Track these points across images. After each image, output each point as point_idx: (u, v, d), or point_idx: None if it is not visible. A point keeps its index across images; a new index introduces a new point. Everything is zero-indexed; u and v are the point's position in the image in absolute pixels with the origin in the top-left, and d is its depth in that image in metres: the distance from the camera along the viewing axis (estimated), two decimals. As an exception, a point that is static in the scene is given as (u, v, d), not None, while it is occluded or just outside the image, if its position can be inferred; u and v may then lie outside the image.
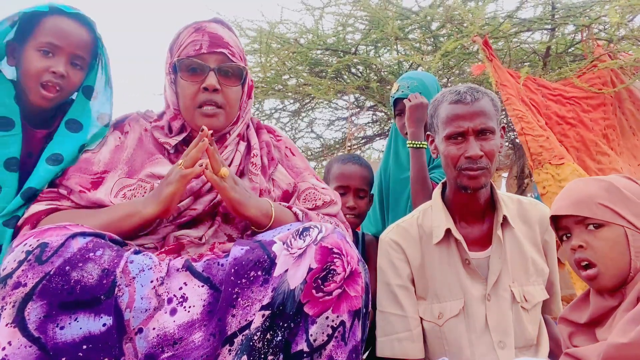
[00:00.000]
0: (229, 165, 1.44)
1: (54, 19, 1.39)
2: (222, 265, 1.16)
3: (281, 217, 1.37)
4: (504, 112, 3.14)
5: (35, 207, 1.33)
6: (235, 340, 1.09)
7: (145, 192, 1.36)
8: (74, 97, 1.51)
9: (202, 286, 1.13)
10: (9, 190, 1.37)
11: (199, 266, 1.16)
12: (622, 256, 1.14)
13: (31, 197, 1.35)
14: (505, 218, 1.53)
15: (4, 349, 0.99)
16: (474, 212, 1.57)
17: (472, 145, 1.47)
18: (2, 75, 1.41)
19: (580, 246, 1.17)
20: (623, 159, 2.63)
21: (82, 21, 1.43)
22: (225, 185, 1.28)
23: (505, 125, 1.64)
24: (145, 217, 1.26)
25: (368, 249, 2.12)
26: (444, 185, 1.64)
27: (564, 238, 1.24)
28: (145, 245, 1.30)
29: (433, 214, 1.59)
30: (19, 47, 1.41)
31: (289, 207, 1.43)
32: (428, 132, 1.66)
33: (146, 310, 1.08)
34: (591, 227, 1.17)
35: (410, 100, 2.08)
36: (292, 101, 4.54)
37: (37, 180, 1.36)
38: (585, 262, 1.16)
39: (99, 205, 1.34)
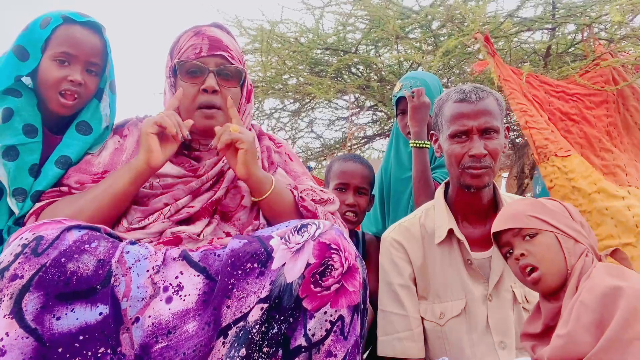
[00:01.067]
0: (229, 168, 1.45)
1: (66, 28, 1.42)
2: (219, 255, 1.17)
3: (280, 188, 1.40)
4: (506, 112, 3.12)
5: (38, 204, 1.37)
6: (229, 332, 1.10)
7: (144, 189, 1.39)
8: None
9: (198, 275, 1.14)
10: (27, 196, 1.40)
11: (195, 256, 1.17)
12: (558, 257, 1.27)
13: (38, 200, 1.39)
14: None
15: (1, 339, 1.00)
16: (477, 212, 1.57)
17: (476, 143, 1.47)
18: (23, 83, 1.44)
19: (522, 254, 1.29)
20: (629, 155, 2.61)
21: (93, 28, 1.46)
22: (241, 137, 1.32)
23: (509, 126, 1.64)
24: (135, 169, 1.31)
25: (368, 248, 2.12)
26: (447, 185, 1.64)
27: (507, 255, 1.34)
28: (141, 240, 1.31)
29: (435, 214, 1.59)
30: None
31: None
32: (432, 131, 1.66)
33: (143, 299, 1.09)
34: (527, 237, 1.30)
35: (413, 93, 2.06)
36: (292, 101, 4.54)
37: (46, 183, 1.40)
38: (530, 267, 1.28)
39: None
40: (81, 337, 1.03)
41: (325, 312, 1.12)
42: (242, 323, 1.10)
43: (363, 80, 3.97)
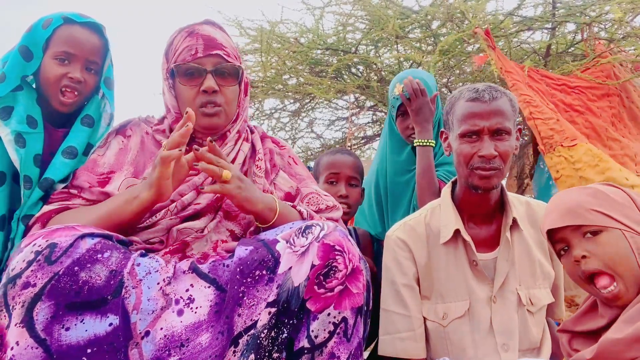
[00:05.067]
0: (232, 163, 1.44)
1: (66, 28, 1.47)
2: (228, 266, 1.17)
3: (285, 212, 1.37)
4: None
5: (46, 208, 1.35)
6: (240, 341, 1.09)
7: None
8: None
9: (209, 287, 1.14)
10: (34, 186, 1.44)
11: (204, 268, 1.17)
12: (629, 259, 1.13)
13: (48, 188, 1.42)
14: (514, 220, 1.51)
15: (12, 348, 1.00)
16: (484, 212, 1.54)
17: (487, 144, 1.43)
18: (25, 79, 1.49)
19: (584, 256, 1.16)
20: (639, 145, 2.57)
21: (92, 28, 1.51)
22: (230, 189, 1.27)
23: (522, 128, 1.61)
24: (142, 201, 1.27)
25: (363, 244, 2.14)
26: (454, 184, 1.62)
27: (562, 252, 1.23)
28: (150, 240, 1.32)
29: (442, 213, 1.57)
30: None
31: (293, 206, 1.44)
32: (442, 129, 1.63)
33: (153, 311, 1.08)
34: (588, 234, 1.16)
35: (411, 85, 2.03)
36: (292, 101, 4.53)
37: (53, 171, 1.43)
38: (592, 273, 1.14)
39: (108, 196, 1.36)
40: (89, 350, 1.02)
41: (329, 314, 1.12)
42: (252, 331, 1.09)
43: (363, 81, 3.97)
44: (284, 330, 1.10)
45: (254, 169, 1.51)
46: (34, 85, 1.52)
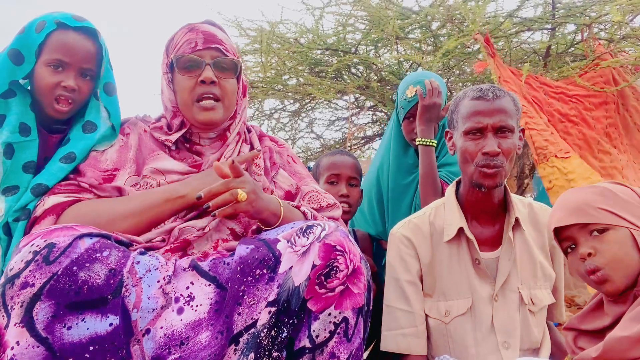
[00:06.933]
0: None
1: (60, 33, 1.42)
2: (228, 264, 1.17)
3: (289, 215, 1.37)
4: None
5: (55, 199, 1.32)
6: (241, 339, 1.10)
7: (152, 188, 1.38)
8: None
9: (209, 285, 1.14)
10: (24, 191, 1.40)
11: (205, 265, 1.17)
12: (630, 257, 1.14)
13: (42, 193, 1.37)
14: (517, 220, 1.53)
15: (12, 348, 1.00)
16: (487, 211, 1.56)
17: (490, 142, 1.47)
18: (18, 83, 1.45)
19: (589, 254, 1.17)
20: (627, 156, 2.62)
21: (87, 33, 1.46)
22: (243, 207, 1.26)
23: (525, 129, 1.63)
24: (187, 201, 1.32)
25: (362, 245, 2.16)
26: (458, 183, 1.64)
27: (569, 250, 1.24)
28: (153, 240, 1.31)
29: (446, 212, 1.59)
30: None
31: (298, 207, 1.44)
32: (447, 129, 1.65)
33: (153, 309, 1.09)
34: (595, 232, 1.17)
35: (431, 84, 2.04)
36: (292, 101, 4.54)
37: (48, 176, 1.39)
38: (598, 269, 1.15)
39: (120, 192, 1.36)
40: (91, 348, 1.03)
41: (330, 314, 1.12)
42: (253, 330, 1.10)
43: (363, 81, 3.97)
44: (284, 329, 1.10)
45: (253, 167, 1.52)
46: (28, 88, 1.48)
